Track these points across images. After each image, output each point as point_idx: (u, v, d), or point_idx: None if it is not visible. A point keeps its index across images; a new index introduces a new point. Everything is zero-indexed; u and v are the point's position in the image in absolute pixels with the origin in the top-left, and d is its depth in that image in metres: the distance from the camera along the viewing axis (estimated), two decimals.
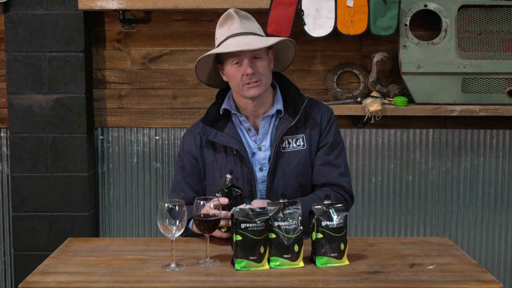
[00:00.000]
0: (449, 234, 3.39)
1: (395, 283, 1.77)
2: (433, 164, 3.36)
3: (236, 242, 1.85)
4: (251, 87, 2.20)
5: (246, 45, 2.16)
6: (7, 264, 3.46)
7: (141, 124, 3.38)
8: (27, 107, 3.25)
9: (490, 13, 3.18)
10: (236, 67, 2.20)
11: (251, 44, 2.16)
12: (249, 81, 2.19)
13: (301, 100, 2.28)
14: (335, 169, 2.28)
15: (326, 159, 2.28)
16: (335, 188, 2.27)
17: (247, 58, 2.18)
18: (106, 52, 3.35)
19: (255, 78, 2.19)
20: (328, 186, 2.27)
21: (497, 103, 3.17)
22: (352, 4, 3.06)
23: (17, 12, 3.20)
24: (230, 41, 2.21)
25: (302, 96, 2.30)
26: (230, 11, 2.25)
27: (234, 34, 2.22)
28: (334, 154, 2.29)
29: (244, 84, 2.20)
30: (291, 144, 2.26)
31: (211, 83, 2.40)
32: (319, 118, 2.30)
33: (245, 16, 2.27)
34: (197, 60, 2.25)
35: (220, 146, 2.28)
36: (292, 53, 2.37)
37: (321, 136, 2.29)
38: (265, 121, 2.28)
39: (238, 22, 2.22)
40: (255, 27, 2.27)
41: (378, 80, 3.29)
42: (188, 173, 2.33)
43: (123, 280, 1.80)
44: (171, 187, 2.39)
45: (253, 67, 2.19)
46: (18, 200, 3.29)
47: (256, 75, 2.19)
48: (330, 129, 2.30)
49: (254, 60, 2.20)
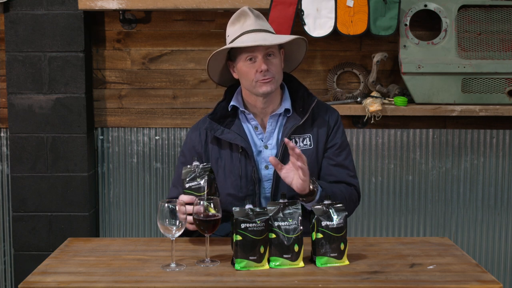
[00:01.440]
0: (449, 234, 3.39)
1: (395, 283, 1.77)
2: (433, 164, 3.36)
3: (236, 242, 1.85)
4: (264, 82, 2.20)
5: (263, 40, 2.17)
6: (7, 264, 3.47)
7: (141, 124, 3.38)
8: (27, 107, 3.25)
9: (490, 13, 3.18)
10: (250, 63, 2.20)
11: (268, 39, 2.18)
12: (262, 78, 2.19)
13: (310, 100, 2.29)
14: (345, 170, 2.30)
15: (336, 160, 2.30)
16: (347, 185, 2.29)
17: (261, 55, 2.19)
18: (106, 52, 3.35)
19: (269, 74, 2.20)
20: (340, 183, 2.29)
21: (497, 103, 3.17)
22: (352, 4, 3.06)
23: (17, 12, 3.20)
24: (245, 37, 2.22)
25: (312, 96, 2.31)
26: (244, 8, 2.26)
27: (248, 30, 2.23)
28: (343, 155, 2.31)
29: (258, 81, 2.20)
30: (298, 143, 2.27)
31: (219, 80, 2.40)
32: (327, 118, 2.31)
33: (258, 15, 2.28)
34: (211, 55, 2.25)
35: (225, 143, 2.28)
36: (303, 53, 2.38)
37: (328, 136, 2.30)
38: (272, 119, 2.28)
39: (252, 19, 2.24)
40: (268, 26, 2.29)
41: (378, 80, 3.29)
42: None
43: (123, 280, 1.80)
44: (172, 182, 2.40)
45: (267, 64, 2.19)
46: (18, 200, 3.29)
47: (270, 72, 2.20)
48: (338, 131, 2.32)
49: (268, 57, 2.20)
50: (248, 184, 2.24)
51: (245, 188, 2.24)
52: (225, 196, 2.24)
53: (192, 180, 2.05)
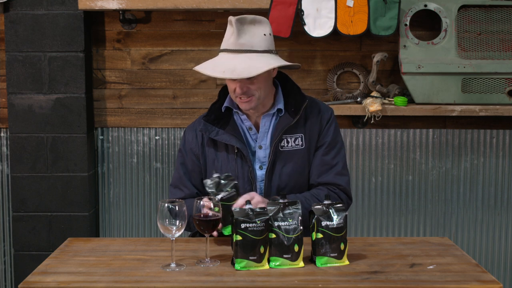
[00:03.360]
0: (449, 234, 3.39)
1: (395, 283, 1.77)
2: (433, 164, 3.36)
3: (236, 242, 1.85)
4: (243, 102, 2.19)
5: (230, 72, 2.09)
6: (7, 264, 3.47)
7: (141, 124, 3.38)
8: (27, 107, 3.25)
9: (490, 13, 3.18)
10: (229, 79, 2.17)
11: (236, 70, 2.09)
12: (241, 96, 2.18)
13: (302, 100, 2.28)
14: (332, 169, 2.29)
15: (323, 159, 2.28)
16: (331, 187, 2.28)
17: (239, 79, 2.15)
18: (106, 52, 3.35)
19: (246, 95, 2.18)
20: (324, 185, 2.28)
21: (497, 103, 3.17)
22: (352, 4, 3.06)
23: (17, 12, 3.20)
24: (222, 58, 2.16)
25: (304, 96, 2.30)
26: (230, 18, 2.16)
27: (227, 49, 2.17)
28: (332, 153, 2.29)
29: (237, 97, 2.20)
30: (289, 143, 2.26)
31: None
32: (319, 118, 2.30)
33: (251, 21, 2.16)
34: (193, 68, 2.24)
35: (221, 144, 2.28)
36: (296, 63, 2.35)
37: (320, 136, 2.29)
38: (265, 119, 2.28)
39: (235, 35, 2.14)
40: (256, 39, 2.16)
41: (378, 80, 3.29)
42: (190, 171, 2.33)
43: (123, 280, 1.80)
44: (172, 182, 2.38)
45: (243, 88, 2.16)
46: (18, 200, 3.29)
47: (248, 92, 2.17)
48: (329, 129, 2.30)
49: (247, 80, 2.15)
50: (244, 185, 2.24)
51: (241, 188, 2.23)
52: None
53: (221, 191, 2.04)
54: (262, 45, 2.17)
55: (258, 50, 2.16)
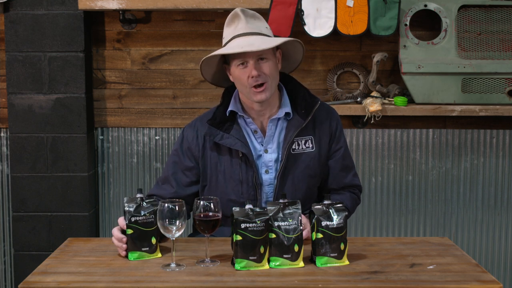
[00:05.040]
0: (449, 234, 3.39)
1: (395, 283, 1.77)
2: (433, 164, 3.36)
3: (236, 242, 1.85)
4: (258, 92, 2.16)
5: (249, 46, 2.11)
6: (7, 264, 3.47)
7: (141, 124, 3.38)
8: (27, 107, 3.25)
9: (490, 13, 3.18)
10: (241, 68, 2.16)
11: (255, 44, 2.12)
12: (255, 83, 2.14)
13: (313, 101, 2.25)
14: (350, 172, 2.35)
15: (342, 163, 2.31)
16: (352, 189, 2.36)
17: (253, 60, 2.14)
18: (106, 52, 3.35)
19: (261, 79, 2.14)
20: (346, 189, 2.34)
21: (497, 103, 3.17)
22: (352, 4, 3.06)
23: (17, 12, 3.20)
24: (235, 42, 2.18)
25: (314, 97, 2.27)
26: (236, 10, 2.21)
27: (239, 34, 2.18)
28: (347, 158, 2.34)
29: (251, 87, 2.16)
30: (300, 146, 2.24)
31: (216, 82, 2.37)
32: (328, 122, 2.28)
33: (253, 15, 2.23)
34: (201, 61, 2.22)
35: (224, 148, 2.24)
36: (301, 54, 2.33)
37: (332, 141, 2.29)
38: (272, 123, 2.24)
39: (244, 22, 2.18)
40: (262, 27, 2.22)
41: (378, 80, 3.29)
42: (182, 169, 2.28)
43: (123, 280, 1.80)
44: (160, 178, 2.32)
45: (259, 69, 2.14)
46: (18, 200, 3.29)
47: (262, 77, 2.15)
48: (341, 135, 2.32)
49: (260, 61, 2.15)
50: (249, 189, 2.22)
51: (246, 193, 2.21)
52: (226, 201, 2.20)
53: (138, 215, 1.96)
54: (269, 33, 2.24)
55: (267, 35, 2.23)
